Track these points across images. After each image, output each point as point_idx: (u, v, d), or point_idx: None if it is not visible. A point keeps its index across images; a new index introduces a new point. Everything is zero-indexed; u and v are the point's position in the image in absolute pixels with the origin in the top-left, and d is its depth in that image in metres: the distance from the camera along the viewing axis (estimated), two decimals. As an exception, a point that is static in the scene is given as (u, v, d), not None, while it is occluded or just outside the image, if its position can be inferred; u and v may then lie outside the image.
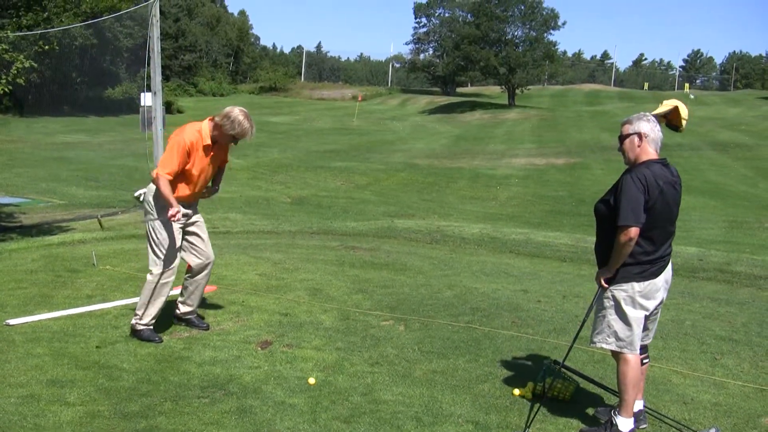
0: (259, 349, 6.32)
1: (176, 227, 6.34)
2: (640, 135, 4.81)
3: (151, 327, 6.45)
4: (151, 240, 6.34)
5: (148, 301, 6.37)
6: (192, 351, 6.16)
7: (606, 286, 4.86)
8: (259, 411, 5.02)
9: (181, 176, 6.27)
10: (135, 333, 6.43)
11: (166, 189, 6.07)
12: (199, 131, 6.26)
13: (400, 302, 8.05)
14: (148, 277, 6.37)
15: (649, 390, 5.63)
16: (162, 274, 6.34)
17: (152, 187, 6.33)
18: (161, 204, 6.23)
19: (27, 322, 6.72)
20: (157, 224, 6.30)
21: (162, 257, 6.32)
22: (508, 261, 11.84)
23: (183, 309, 6.79)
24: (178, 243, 6.40)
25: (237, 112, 6.24)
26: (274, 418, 4.92)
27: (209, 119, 6.36)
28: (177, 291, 6.93)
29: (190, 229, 6.55)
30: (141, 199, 6.36)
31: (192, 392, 5.28)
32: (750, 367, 6.42)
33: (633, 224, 4.62)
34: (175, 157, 6.13)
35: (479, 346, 6.65)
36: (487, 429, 4.91)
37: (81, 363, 5.73)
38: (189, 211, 6.47)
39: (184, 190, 6.33)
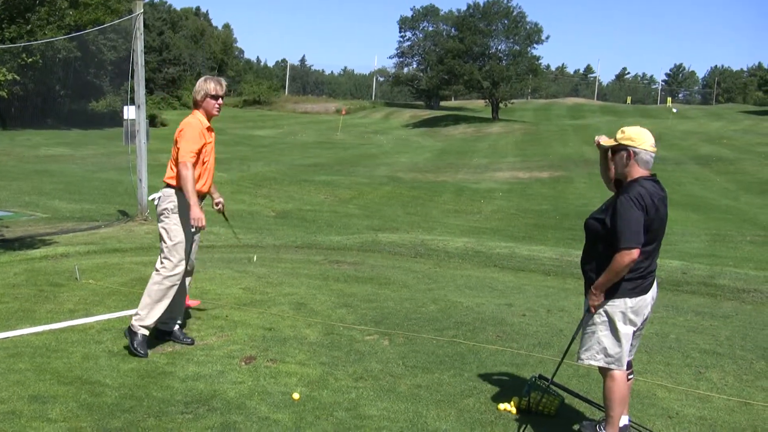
0: (243, 364, 6.28)
1: (191, 230, 6.45)
2: (629, 153, 4.81)
3: (147, 334, 6.43)
4: (164, 240, 6.45)
5: (154, 302, 6.40)
6: (175, 366, 6.12)
7: (595, 306, 4.84)
8: (243, 427, 4.99)
9: (197, 165, 6.46)
10: (131, 335, 6.37)
11: (191, 182, 6.24)
12: (194, 116, 6.54)
13: (384, 316, 8.04)
14: (155, 276, 6.42)
15: (633, 404, 5.64)
16: (170, 276, 6.40)
17: (167, 191, 6.46)
18: (178, 206, 6.41)
19: (8, 337, 6.67)
20: (173, 225, 6.43)
21: (172, 259, 6.40)
22: (493, 275, 11.84)
23: (168, 321, 6.76)
24: (189, 246, 6.53)
25: (199, 81, 6.58)
26: (258, 434, 4.90)
27: (193, 113, 6.61)
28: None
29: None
30: (156, 202, 6.44)
31: (175, 408, 5.24)
32: (734, 380, 6.45)
33: (636, 246, 4.60)
34: (195, 141, 6.35)
35: (464, 361, 6.65)
36: (472, 444, 4.91)
37: (63, 378, 5.68)
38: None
39: (199, 181, 6.47)
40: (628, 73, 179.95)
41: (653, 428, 5.24)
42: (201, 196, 6.53)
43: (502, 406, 5.51)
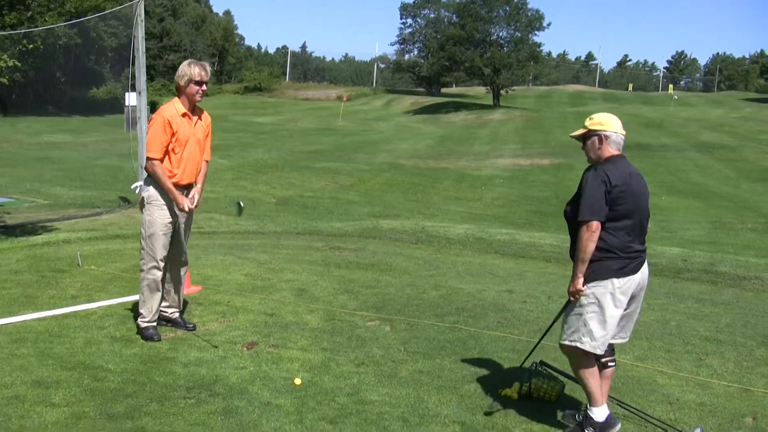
0: (245, 349, 6.31)
1: (167, 221, 6.36)
2: (600, 137, 4.84)
3: (155, 324, 6.52)
4: (142, 233, 6.44)
5: (148, 297, 6.45)
6: (177, 352, 6.15)
7: (582, 289, 4.83)
8: (245, 412, 5.01)
9: (169, 156, 6.29)
10: (140, 331, 6.50)
11: (162, 176, 6.20)
12: (171, 104, 6.38)
13: (385, 302, 8.06)
14: (140, 274, 6.48)
15: (634, 390, 5.67)
16: (150, 268, 6.40)
17: (146, 181, 6.43)
18: (152, 197, 6.33)
19: (11, 323, 6.69)
20: (146, 217, 6.39)
21: (150, 252, 6.38)
22: (494, 261, 11.86)
23: (167, 309, 6.78)
24: (167, 238, 6.42)
25: (182, 65, 6.35)
26: (260, 419, 4.92)
27: (172, 100, 6.47)
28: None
29: (179, 225, 6.56)
30: (137, 191, 6.42)
31: (178, 393, 5.26)
32: (734, 367, 6.46)
33: (592, 218, 4.64)
34: (158, 135, 6.19)
35: (465, 347, 6.67)
36: (473, 429, 4.93)
37: (66, 364, 5.70)
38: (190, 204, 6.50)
39: (174, 171, 6.32)
40: (630, 60, 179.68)
41: (653, 414, 5.26)
42: (182, 188, 6.39)
43: (502, 391, 5.53)
